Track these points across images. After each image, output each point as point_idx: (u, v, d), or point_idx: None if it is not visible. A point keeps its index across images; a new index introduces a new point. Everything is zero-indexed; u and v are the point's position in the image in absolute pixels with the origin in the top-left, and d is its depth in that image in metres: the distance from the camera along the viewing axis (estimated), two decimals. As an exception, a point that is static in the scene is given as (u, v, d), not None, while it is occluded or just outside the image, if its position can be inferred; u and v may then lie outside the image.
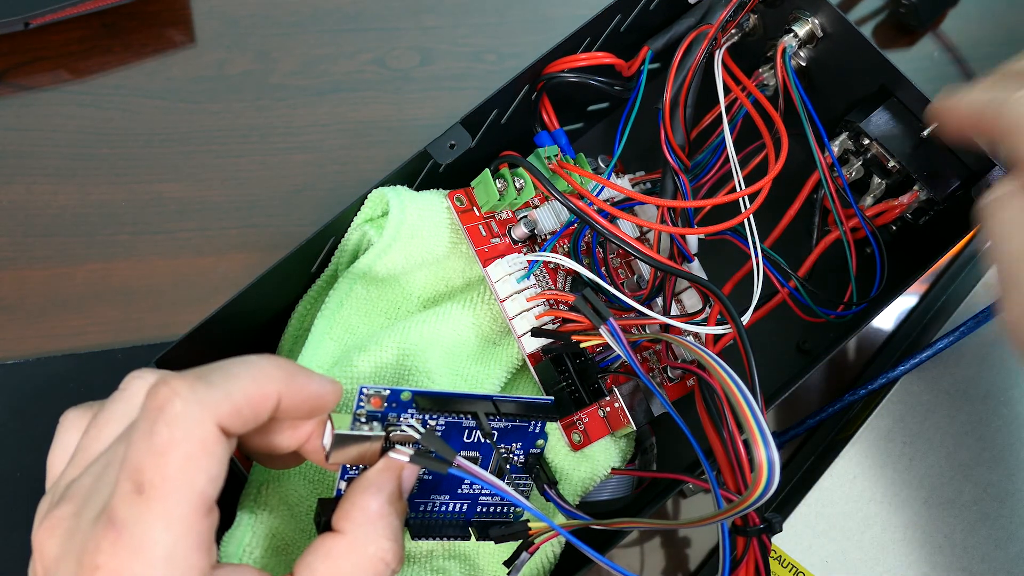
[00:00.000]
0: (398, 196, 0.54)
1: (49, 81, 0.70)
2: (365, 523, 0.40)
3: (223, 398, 0.36)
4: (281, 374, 0.39)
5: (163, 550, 0.34)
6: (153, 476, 0.35)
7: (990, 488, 0.61)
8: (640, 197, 0.57)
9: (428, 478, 0.46)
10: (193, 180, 0.69)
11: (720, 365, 0.44)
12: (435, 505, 0.47)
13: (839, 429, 0.65)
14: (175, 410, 0.35)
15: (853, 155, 0.59)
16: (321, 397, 0.41)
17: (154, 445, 0.35)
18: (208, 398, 0.36)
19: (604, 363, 0.55)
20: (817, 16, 0.58)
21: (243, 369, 0.38)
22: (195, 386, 0.36)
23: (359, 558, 0.39)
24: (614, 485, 0.57)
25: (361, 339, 0.54)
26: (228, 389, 0.37)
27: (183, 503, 0.35)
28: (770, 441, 0.39)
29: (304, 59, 0.72)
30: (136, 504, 0.35)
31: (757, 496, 0.40)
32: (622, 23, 0.60)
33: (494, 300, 0.55)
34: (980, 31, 0.74)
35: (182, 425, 0.35)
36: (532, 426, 0.50)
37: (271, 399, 0.38)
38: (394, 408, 0.43)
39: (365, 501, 0.40)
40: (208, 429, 0.36)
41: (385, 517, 0.40)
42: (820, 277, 0.57)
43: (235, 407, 0.37)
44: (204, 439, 0.36)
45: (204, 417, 0.36)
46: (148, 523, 0.34)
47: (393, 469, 0.42)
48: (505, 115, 0.58)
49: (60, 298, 0.66)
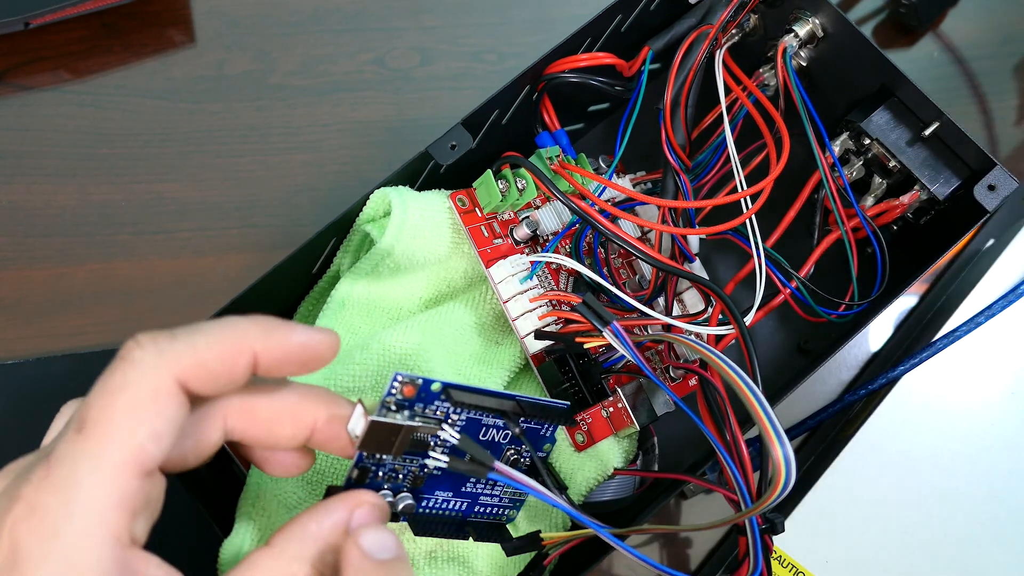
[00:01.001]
0: (400, 196, 0.53)
1: (49, 81, 0.70)
2: (294, 540, 0.38)
3: (186, 349, 0.36)
4: (256, 328, 0.38)
5: (85, 492, 0.33)
6: (96, 416, 0.34)
7: (990, 488, 0.61)
8: (641, 197, 0.57)
9: (437, 474, 0.46)
10: (193, 180, 0.69)
11: (729, 366, 0.44)
12: (437, 501, 0.47)
13: (839, 429, 0.65)
14: (131, 356, 0.35)
15: (854, 155, 0.59)
16: (309, 348, 0.39)
17: (104, 387, 0.34)
18: (169, 348, 0.35)
19: (607, 364, 0.55)
20: (818, 16, 0.58)
21: (214, 325, 0.37)
22: (157, 336, 0.35)
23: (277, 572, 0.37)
24: (616, 485, 0.57)
25: (363, 339, 0.54)
26: (193, 341, 0.36)
27: (117, 449, 0.34)
28: (784, 439, 0.39)
29: (304, 59, 0.72)
30: (73, 442, 0.34)
31: (778, 493, 0.40)
32: (623, 23, 0.60)
33: (496, 300, 0.55)
34: (980, 31, 0.74)
35: (136, 371, 0.34)
36: (544, 429, 0.50)
37: (244, 354, 0.37)
38: (422, 399, 0.43)
39: (304, 520, 0.39)
40: (162, 378, 0.35)
41: (318, 540, 0.38)
42: (821, 277, 0.57)
43: (199, 360, 0.36)
44: (156, 388, 0.35)
45: (159, 365, 0.35)
46: (77, 461, 0.33)
47: (345, 501, 0.40)
48: (506, 116, 0.58)
49: (60, 298, 0.66)
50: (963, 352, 0.63)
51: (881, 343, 0.68)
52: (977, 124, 0.72)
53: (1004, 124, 0.72)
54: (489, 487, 0.49)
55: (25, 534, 0.33)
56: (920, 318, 0.67)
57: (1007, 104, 0.73)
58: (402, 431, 0.42)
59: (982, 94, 0.73)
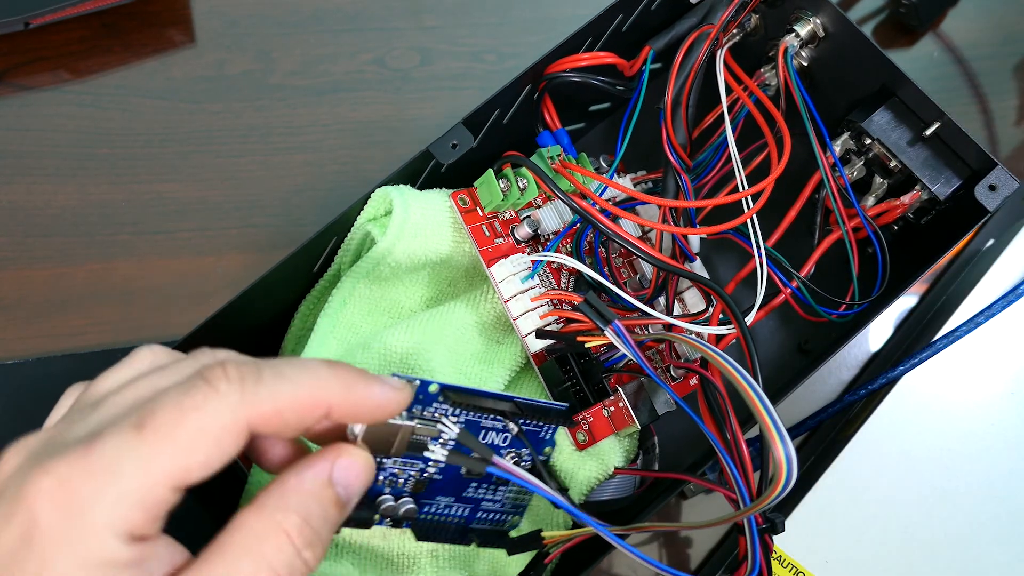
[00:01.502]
0: (401, 195, 0.53)
1: (49, 81, 0.70)
2: (276, 493, 0.37)
3: (267, 398, 0.36)
4: (337, 384, 0.38)
5: (123, 486, 0.33)
6: (160, 424, 0.34)
7: (990, 488, 0.61)
8: (642, 197, 0.57)
9: (439, 478, 0.46)
10: (193, 180, 0.69)
11: (731, 364, 0.44)
12: (439, 507, 0.47)
13: (839, 429, 0.65)
14: (218, 387, 0.35)
15: (855, 155, 0.59)
16: (383, 406, 0.40)
17: (181, 402, 0.34)
18: (253, 393, 0.35)
19: (608, 363, 0.55)
20: (819, 16, 0.58)
21: (298, 373, 0.37)
22: (246, 374, 0.35)
23: (264, 526, 0.37)
24: (616, 485, 0.57)
25: (364, 338, 0.54)
26: (276, 390, 0.36)
27: (168, 461, 0.34)
28: (786, 437, 0.39)
29: (304, 59, 0.72)
30: (127, 437, 0.34)
31: (779, 492, 0.40)
32: (624, 23, 0.60)
33: (497, 299, 0.55)
34: (980, 31, 0.74)
35: (215, 402, 0.35)
36: (543, 431, 0.49)
37: (320, 408, 0.37)
38: (420, 400, 0.43)
39: (284, 475, 0.38)
40: (235, 421, 0.35)
41: (300, 491, 0.38)
42: (822, 277, 0.57)
43: (276, 410, 0.36)
44: (225, 428, 0.35)
45: (240, 408, 0.35)
46: (125, 456, 0.33)
47: (326, 456, 0.39)
48: (507, 115, 0.58)
49: (60, 298, 0.66)
50: (963, 352, 0.63)
51: (881, 343, 0.68)
52: (977, 124, 0.72)
53: (1004, 124, 0.72)
54: (491, 492, 0.49)
55: (48, 509, 0.33)
56: (920, 318, 0.67)
57: (1007, 104, 0.73)
58: (400, 431, 0.42)
59: (982, 94, 0.73)
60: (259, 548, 0.36)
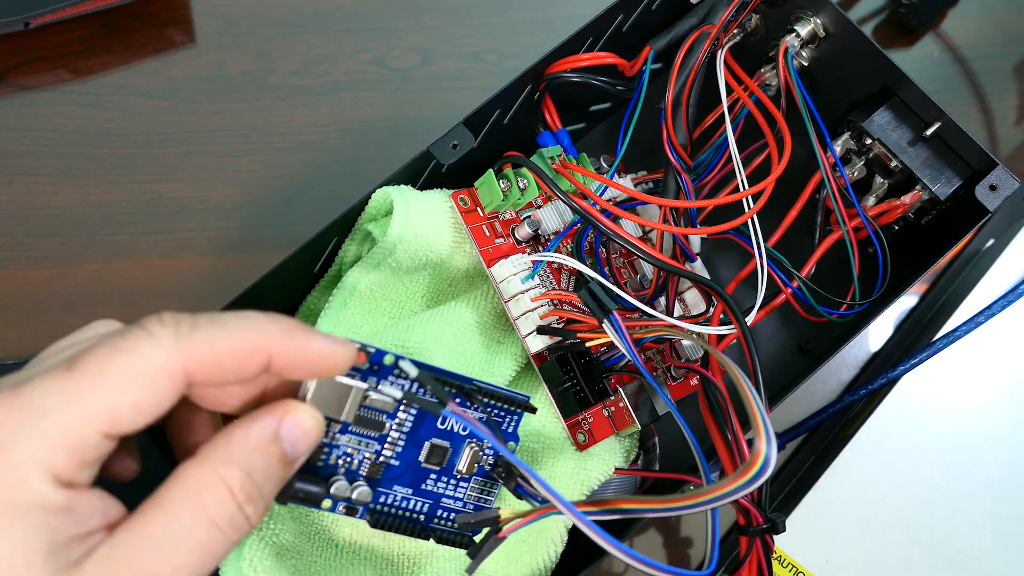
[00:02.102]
0: (402, 195, 0.53)
1: (49, 81, 0.70)
2: (220, 446, 0.37)
3: (203, 342, 0.35)
4: (277, 330, 0.37)
5: (46, 423, 0.33)
6: (91, 362, 0.33)
7: (990, 488, 0.61)
8: (643, 197, 0.57)
9: (395, 463, 0.46)
10: (193, 180, 0.69)
11: (728, 360, 0.44)
12: (396, 498, 0.46)
13: (839, 429, 0.65)
14: (152, 328, 0.34)
15: (855, 155, 0.59)
16: (325, 358, 0.38)
17: (112, 343, 0.34)
18: (188, 336, 0.35)
19: (609, 363, 0.55)
20: (819, 16, 0.58)
21: (236, 320, 0.36)
22: (181, 320, 0.35)
23: (206, 479, 0.36)
24: (617, 485, 0.57)
25: (365, 338, 0.54)
26: (212, 334, 0.35)
27: (96, 401, 0.33)
28: (771, 435, 0.39)
29: (304, 59, 0.72)
30: (56, 375, 0.33)
31: (745, 481, 0.39)
32: (624, 23, 0.60)
33: (498, 299, 0.55)
34: (980, 31, 0.75)
35: (148, 343, 0.34)
36: (506, 423, 0.49)
37: (260, 354, 0.36)
38: (375, 372, 0.43)
39: (230, 428, 0.38)
40: (170, 362, 0.34)
41: (246, 445, 0.37)
42: (822, 277, 0.57)
43: (214, 354, 0.35)
44: (159, 367, 0.34)
45: (173, 348, 0.34)
46: (51, 393, 0.33)
47: (274, 411, 0.39)
48: (508, 115, 0.58)
49: (60, 298, 0.66)
50: (963, 352, 0.63)
51: (881, 343, 0.68)
52: (977, 124, 0.72)
53: (1004, 124, 0.72)
54: (452, 487, 0.48)
55: None
56: (920, 318, 0.67)
57: (1007, 104, 0.73)
58: (352, 392, 0.42)
59: (982, 94, 0.73)
60: (200, 500, 0.35)
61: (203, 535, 0.35)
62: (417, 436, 0.46)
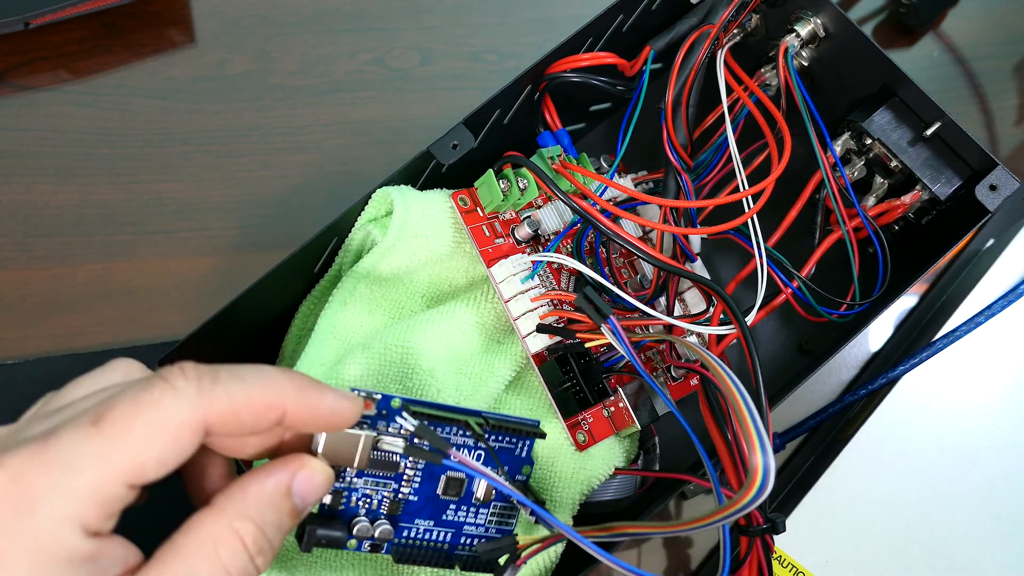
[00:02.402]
0: (402, 195, 0.53)
1: (49, 81, 0.70)
2: (236, 498, 0.38)
3: (223, 396, 0.36)
4: (292, 388, 0.38)
5: (77, 480, 0.34)
6: (117, 418, 0.34)
7: (990, 488, 0.61)
8: (643, 197, 0.57)
9: (413, 499, 0.46)
10: (193, 180, 0.69)
11: (723, 368, 0.44)
12: (419, 531, 0.47)
13: (839, 429, 0.65)
14: (175, 383, 0.36)
15: (855, 155, 0.59)
16: (336, 414, 0.40)
17: (136, 397, 0.35)
18: (209, 391, 0.36)
19: (609, 363, 0.55)
20: (819, 16, 0.58)
21: (253, 375, 0.38)
22: (203, 374, 0.36)
23: (221, 530, 0.37)
24: (617, 485, 0.57)
25: (365, 338, 0.54)
26: (232, 390, 0.37)
27: (123, 457, 0.34)
28: (767, 446, 0.39)
29: (304, 59, 0.72)
30: (83, 429, 0.34)
31: (749, 500, 0.39)
32: (624, 23, 0.60)
33: (498, 300, 0.55)
34: (980, 31, 0.75)
35: (171, 398, 0.35)
36: (519, 448, 0.49)
37: (275, 410, 0.38)
38: (383, 417, 0.44)
39: (245, 480, 0.39)
40: (192, 417, 0.35)
41: (260, 499, 0.38)
42: (822, 277, 0.57)
43: (232, 409, 0.37)
44: (182, 423, 0.35)
45: (195, 403, 0.36)
46: (81, 451, 0.34)
47: (287, 464, 0.40)
48: (508, 115, 0.58)
49: (60, 298, 0.66)
50: (963, 352, 0.63)
51: (881, 343, 0.68)
52: (977, 124, 0.72)
53: (1004, 124, 0.72)
54: (472, 515, 0.49)
55: (2, 503, 0.33)
56: (920, 318, 0.67)
57: (1007, 104, 0.73)
58: (361, 441, 0.43)
59: (982, 94, 0.73)
60: (215, 551, 0.37)
61: None
62: (432, 470, 0.47)
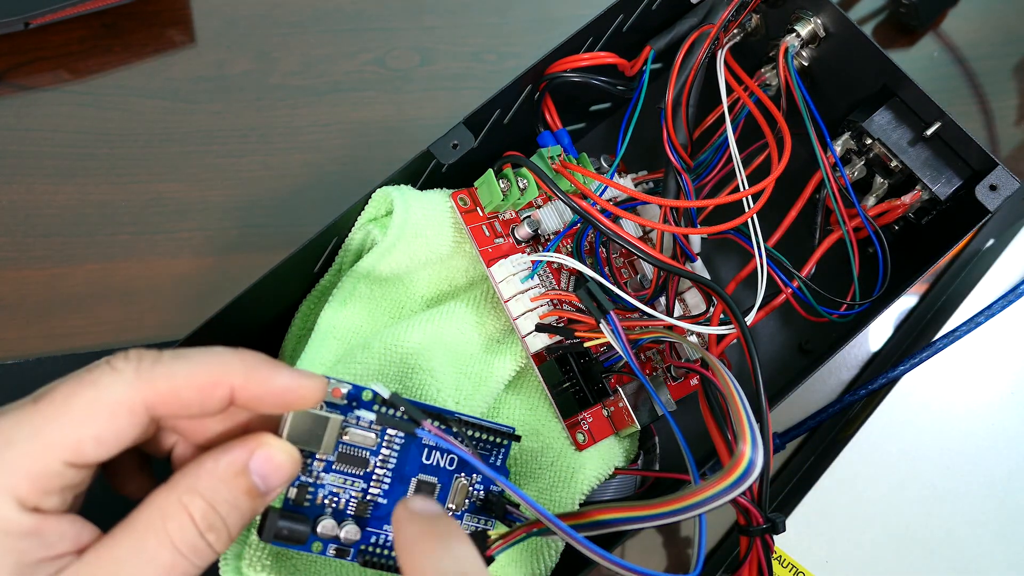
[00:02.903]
0: (402, 195, 0.53)
1: (49, 81, 0.70)
2: (189, 474, 0.38)
3: (164, 376, 0.37)
4: (240, 365, 0.38)
5: (10, 453, 0.34)
6: (55, 397, 0.35)
7: (990, 488, 0.61)
8: (643, 197, 0.57)
9: (383, 502, 0.46)
10: (193, 180, 0.69)
11: (719, 365, 0.44)
12: (387, 538, 0.46)
13: (839, 429, 0.65)
14: (115, 364, 0.36)
15: (856, 155, 0.59)
16: (291, 391, 0.39)
17: (78, 378, 0.36)
18: (148, 370, 0.36)
19: (608, 363, 0.55)
20: (819, 16, 0.58)
21: (198, 355, 0.38)
22: (144, 356, 0.37)
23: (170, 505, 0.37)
24: (617, 485, 0.57)
25: (365, 338, 0.54)
26: (173, 369, 0.37)
27: (58, 432, 0.35)
28: (758, 439, 0.39)
29: (304, 59, 0.72)
30: (23, 408, 0.35)
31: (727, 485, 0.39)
32: (624, 23, 0.60)
33: (498, 299, 0.55)
34: (980, 31, 0.75)
35: (110, 378, 0.36)
36: (493, 456, 0.49)
37: (220, 388, 0.38)
38: (353, 407, 0.43)
39: (202, 457, 0.39)
40: (130, 396, 0.36)
41: (213, 475, 0.38)
42: (822, 277, 0.57)
43: (173, 388, 0.37)
44: (120, 401, 0.36)
45: (134, 383, 0.36)
46: (18, 425, 0.35)
47: (246, 443, 0.40)
48: (508, 115, 0.58)
49: (60, 298, 0.66)
50: (963, 352, 0.63)
51: (881, 343, 0.68)
52: (977, 124, 0.72)
53: (1004, 124, 0.72)
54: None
55: None
56: (920, 318, 0.67)
57: (1007, 104, 0.73)
58: (329, 423, 0.43)
59: (982, 94, 0.73)
60: (163, 526, 0.37)
61: (167, 559, 0.37)
62: (403, 473, 0.46)
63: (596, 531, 0.44)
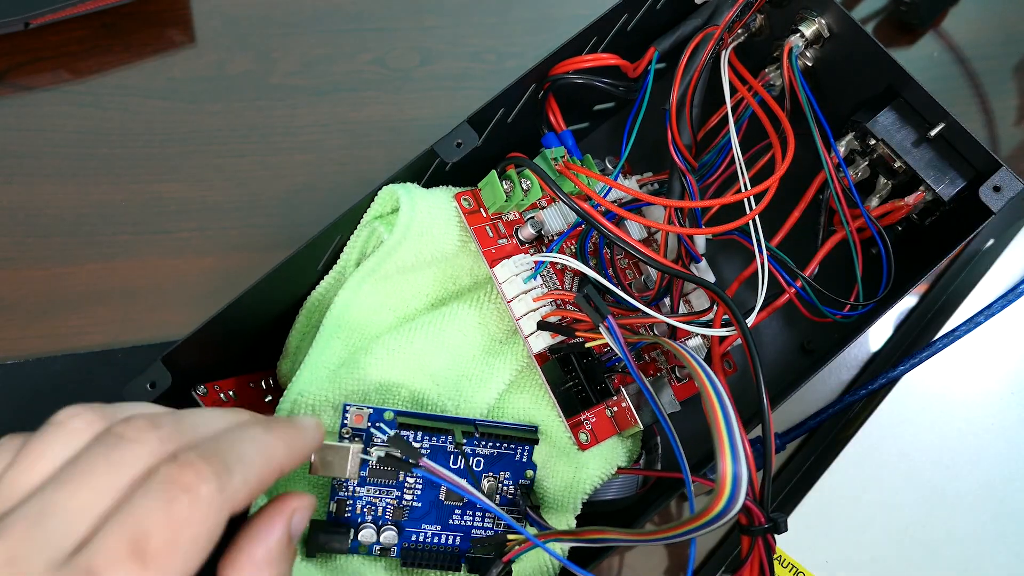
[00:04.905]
0: (408, 193, 0.53)
1: (49, 81, 0.70)
2: (251, 569, 0.38)
3: (241, 487, 0.36)
4: (284, 449, 0.39)
5: None
6: (160, 548, 0.34)
7: (990, 488, 0.61)
8: (647, 198, 0.57)
9: (417, 505, 0.47)
10: (193, 180, 0.69)
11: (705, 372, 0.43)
12: (427, 535, 0.48)
13: (839, 429, 0.65)
14: (198, 491, 0.35)
15: (859, 155, 0.59)
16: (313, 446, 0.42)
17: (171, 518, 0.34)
18: (228, 486, 0.36)
19: (611, 363, 0.55)
20: (824, 16, 0.58)
21: (252, 450, 0.38)
22: (220, 473, 0.36)
23: None
24: (619, 484, 0.57)
25: (368, 339, 0.54)
26: (246, 477, 0.37)
27: None
28: (739, 454, 0.39)
29: (304, 59, 0.72)
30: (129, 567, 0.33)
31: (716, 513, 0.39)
32: (628, 23, 0.60)
33: (501, 300, 0.55)
34: (980, 30, 0.75)
35: (204, 508, 0.35)
36: (519, 454, 0.50)
37: (277, 474, 0.39)
38: (377, 428, 0.44)
39: (252, 548, 0.39)
40: (223, 518, 0.36)
41: (272, 564, 0.39)
42: (826, 277, 0.57)
43: (250, 494, 0.37)
44: (217, 526, 0.35)
45: (224, 507, 0.35)
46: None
47: (283, 514, 0.40)
48: (512, 114, 0.58)
49: (60, 298, 0.66)
50: (963, 352, 0.63)
51: (881, 343, 0.68)
52: (978, 124, 0.72)
53: (1005, 124, 0.73)
54: (479, 519, 0.50)
55: None
56: (920, 318, 0.67)
57: (1008, 104, 0.73)
58: (351, 452, 0.46)
59: (983, 94, 0.73)
60: None
61: None
62: (432, 477, 0.47)
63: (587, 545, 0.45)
